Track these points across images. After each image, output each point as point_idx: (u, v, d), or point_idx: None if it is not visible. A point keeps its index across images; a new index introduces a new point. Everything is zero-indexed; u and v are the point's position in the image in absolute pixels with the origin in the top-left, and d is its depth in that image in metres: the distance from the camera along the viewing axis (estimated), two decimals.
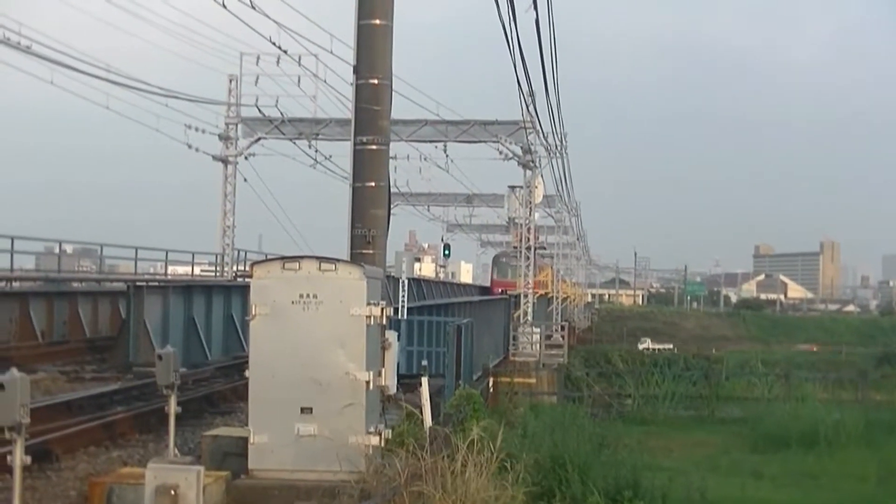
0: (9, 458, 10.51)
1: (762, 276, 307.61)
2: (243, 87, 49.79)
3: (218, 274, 51.40)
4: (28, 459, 10.54)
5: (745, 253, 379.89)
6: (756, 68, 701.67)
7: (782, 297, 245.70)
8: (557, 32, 31.83)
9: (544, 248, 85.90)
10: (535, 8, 26.66)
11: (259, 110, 49.45)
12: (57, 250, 46.28)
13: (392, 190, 23.05)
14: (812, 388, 50.40)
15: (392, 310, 15.70)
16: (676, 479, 23.01)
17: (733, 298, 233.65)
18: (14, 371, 10.53)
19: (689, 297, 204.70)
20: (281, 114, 49.36)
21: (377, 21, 16.13)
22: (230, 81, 50.44)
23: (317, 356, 13.53)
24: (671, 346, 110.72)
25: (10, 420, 10.24)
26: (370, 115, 16.14)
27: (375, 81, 16.17)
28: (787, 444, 35.27)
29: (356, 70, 16.34)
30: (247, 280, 34.91)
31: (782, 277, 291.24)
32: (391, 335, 14.91)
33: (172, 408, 14.98)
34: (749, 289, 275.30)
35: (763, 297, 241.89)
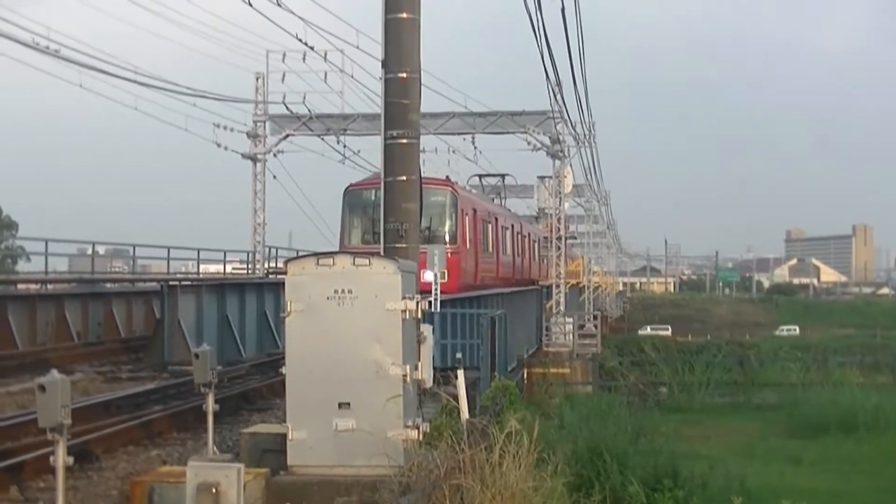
0: (51, 458, 10.55)
1: (794, 261, 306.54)
2: (270, 85, 49.82)
3: (250, 271, 51.49)
4: (70, 460, 10.58)
5: (777, 238, 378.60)
6: (787, 53, 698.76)
7: (815, 281, 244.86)
8: (584, 20, 31.83)
9: (574, 238, 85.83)
10: None
11: (286, 107, 49.47)
12: (90, 251, 46.47)
13: None
14: (849, 372, 50.25)
15: (426, 303, 15.68)
16: (715, 466, 22.97)
17: (766, 284, 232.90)
18: (54, 373, 10.58)
19: (721, 284, 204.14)
20: (308, 110, 49.37)
21: (404, 15, 16.10)
22: (257, 79, 50.45)
23: (353, 351, 13.53)
24: (668, 330, 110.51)
25: (51, 421, 10.29)
26: (400, 110, 16.11)
27: (404, 75, 16.14)
28: (825, 429, 35.19)
29: (384, 64, 16.31)
30: (279, 277, 34.63)
31: (815, 261, 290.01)
32: (426, 329, 14.91)
33: (210, 406, 15.03)
34: (781, 274, 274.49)
35: (796, 281, 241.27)
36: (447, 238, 39.94)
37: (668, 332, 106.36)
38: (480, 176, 60.20)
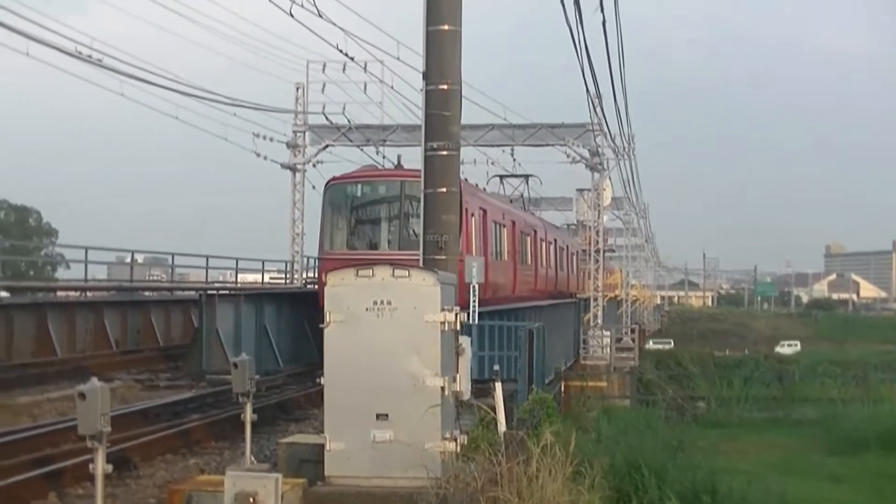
0: (90, 466, 10.58)
1: (833, 276, 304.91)
2: (310, 95, 49.89)
3: (288, 281, 51.57)
4: (109, 468, 10.62)
5: (816, 252, 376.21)
6: (827, 63, 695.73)
7: (854, 296, 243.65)
8: (625, 32, 31.76)
9: (613, 251, 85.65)
10: (602, 10, 26.63)
11: (326, 118, 49.51)
12: (128, 260, 46.68)
13: None
14: (889, 388, 49.92)
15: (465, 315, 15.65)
16: (753, 482, 22.82)
17: (804, 299, 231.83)
18: (94, 381, 10.62)
19: (759, 298, 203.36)
20: (348, 121, 49.40)
21: (446, 27, 16.13)
22: (297, 89, 50.51)
23: (391, 363, 13.52)
24: (670, 343, 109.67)
25: (91, 429, 10.33)
26: (440, 121, 16.14)
27: (445, 87, 16.17)
28: (864, 446, 34.90)
29: (425, 76, 16.34)
30: (316, 287, 34.60)
31: (854, 277, 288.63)
32: (465, 340, 14.89)
33: (248, 415, 15.05)
34: (820, 289, 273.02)
35: (835, 296, 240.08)
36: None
37: (671, 346, 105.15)
38: (501, 177, 59.19)
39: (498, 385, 17.37)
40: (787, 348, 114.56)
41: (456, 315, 13.91)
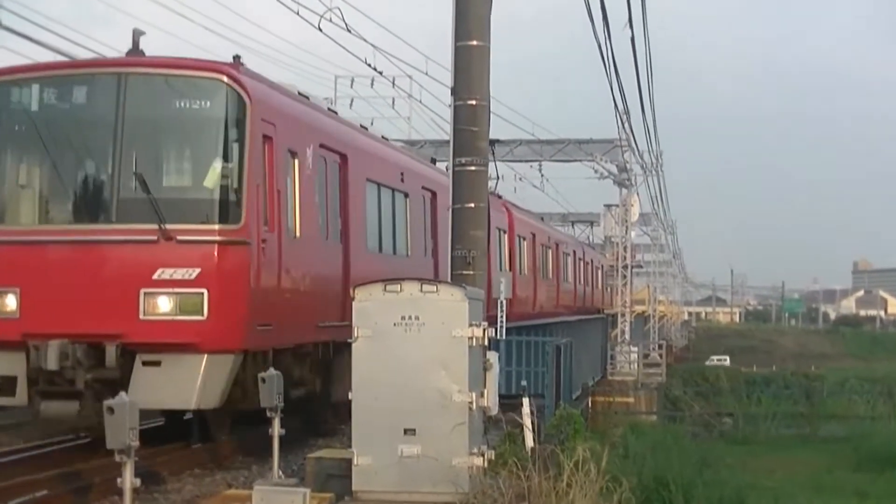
0: (118, 480, 10.61)
1: (861, 293, 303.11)
2: (338, 110, 50.02)
3: None
4: (137, 482, 10.64)
5: (844, 269, 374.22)
6: (856, 81, 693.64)
7: (882, 313, 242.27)
8: (653, 49, 31.77)
9: (640, 267, 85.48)
10: (631, 26, 26.67)
11: None
12: None
13: None
14: None
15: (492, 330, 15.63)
16: (781, 499, 22.77)
17: (832, 315, 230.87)
18: (122, 395, 10.65)
19: (786, 314, 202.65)
20: None
21: (474, 42, 16.15)
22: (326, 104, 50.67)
23: (419, 378, 13.55)
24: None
25: (120, 443, 10.35)
26: (468, 137, 16.15)
27: (473, 102, 16.18)
28: (892, 463, 34.76)
29: (454, 91, 16.36)
30: None
31: (882, 293, 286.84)
32: (492, 356, 14.90)
33: (276, 430, 15.06)
34: (848, 305, 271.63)
35: (863, 313, 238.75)
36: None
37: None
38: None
39: (525, 401, 17.38)
40: (716, 362, 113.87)
41: (484, 330, 13.93)
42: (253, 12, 41.28)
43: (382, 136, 28.28)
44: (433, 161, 33.17)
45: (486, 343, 14.35)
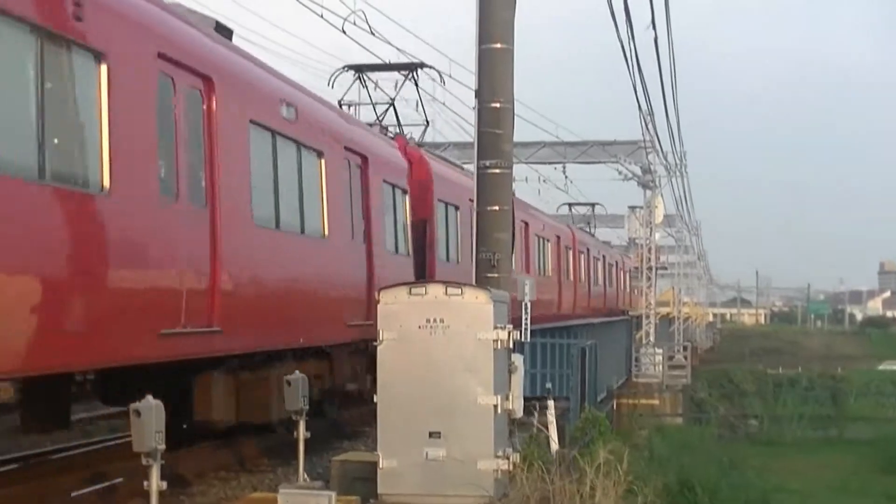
0: (145, 483, 10.65)
1: (888, 293, 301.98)
2: (362, 112, 50.07)
3: None
4: (164, 485, 10.68)
5: (870, 270, 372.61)
6: (880, 81, 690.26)
7: None
8: (676, 49, 31.73)
9: (665, 269, 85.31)
10: (654, 27, 26.65)
11: None
12: None
13: None
14: None
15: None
16: (807, 502, 22.72)
17: (858, 316, 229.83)
18: (149, 398, 10.69)
19: (812, 316, 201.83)
20: None
21: (498, 45, 16.14)
22: (349, 107, 50.74)
23: (444, 380, 13.57)
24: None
25: (146, 446, 10.39)
26: (492, 140, 16.14)
27: (497, 105, 16.17)
28: None
29: (478, 94, 16.36)
30: None
31: None
32: (517, 358, 14.91)
33: (301, 433, 15.09)
34: (875, 306, 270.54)
35: (889, 314, 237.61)
36: None
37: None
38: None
39: (550, 403, 17.39)
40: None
41: (509, 333, 13.94)
42: (275, 14, 41.34)
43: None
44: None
45: (511, 346, 14.36)
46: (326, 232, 20.11)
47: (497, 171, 16.06)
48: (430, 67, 28.14)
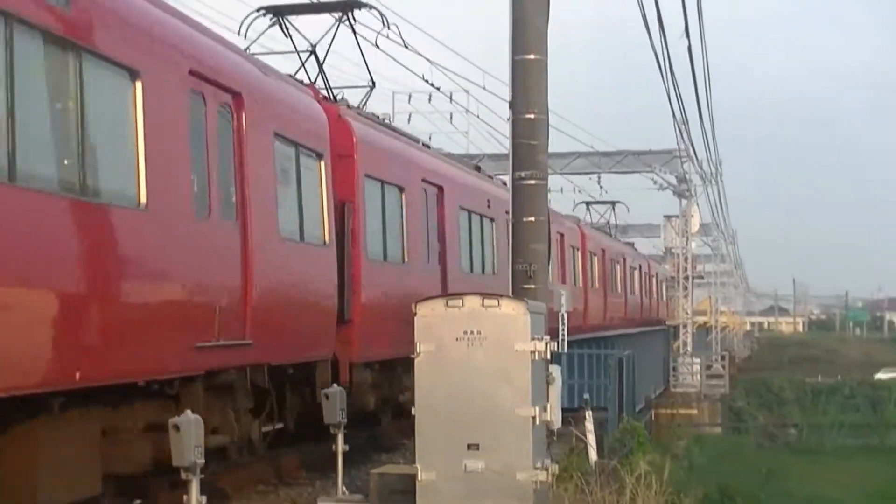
0: (184, 497, 10.68)
1: None
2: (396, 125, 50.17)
3: None
4: (203, 499, 10.71)
5: None
6: None
7: None
8: (710, 57, 31.66)
9: (701, 277, 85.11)
10: (688, 35, 26.59)
11: None
12: None
13: None
14: None
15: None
16: None
17: None
18: (188, 413, 10.72)
19: (850, 324, 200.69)
20: None
21: (532, 56, 16.12)
22: (381, 119, 50.82)
23: (482, 392, 13.53)
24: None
25: (185, 461, 10.44)
26: (527, 151, 16.12)
27: (532, 116, 16.15)
28: None
29: (512, 105, 16.34)
30: None
31: None
32: (555, 369, 14.88)
33: (340, 446, 15.11)
34: None
35: None
36: None
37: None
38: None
39: (588, 414, 17.35)
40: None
41: (546, 344, 13.91)
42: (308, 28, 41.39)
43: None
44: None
45: (549, 356, 14.33)
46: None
47: (532, 182, 16.04)
48: (370, 7, 24.08)
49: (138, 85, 12.95)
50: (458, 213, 25.53)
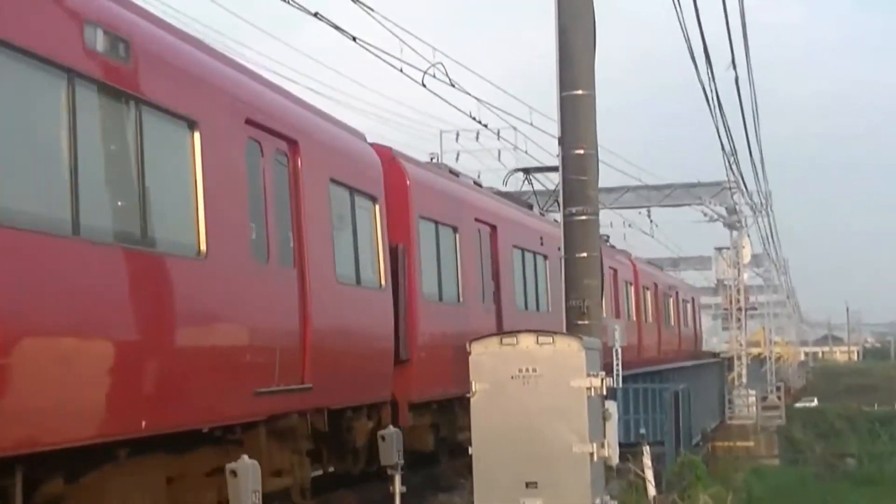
0: None
1: None
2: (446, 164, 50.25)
3: None
4: None
5: None
6: None
7: None
8: (757, 88, 31.62)
9: (755, 309, 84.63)
10: (734, 67, 26.54)
11: None
12: None
13: None
14: None
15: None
16: None
17: None
18: (245, 458, 10.76)
19: None
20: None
21: (580, 91, 16.15)
22: (431, 159, 50.91)
23: (539, 430, 13.52)
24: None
25: None
26: (578, 186, 16.12)
27: (581, 151, 16.16)
28: None
29: (561, 141, 16.36)
30: None
31: None
32: (611, 405, 14.84)
33: (398, 487, 15.13)
34: None
35: None
36: None
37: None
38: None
39: (646, 449, 17.27)
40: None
41: (602, 380, 13.88)
42: (352, 70, 41.60)
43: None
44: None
45: (605, 392, 14.29)
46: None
47: (584, 217, 16.04)
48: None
49: (196, 135, 13.01)
50: (512, 252, 25.84)
